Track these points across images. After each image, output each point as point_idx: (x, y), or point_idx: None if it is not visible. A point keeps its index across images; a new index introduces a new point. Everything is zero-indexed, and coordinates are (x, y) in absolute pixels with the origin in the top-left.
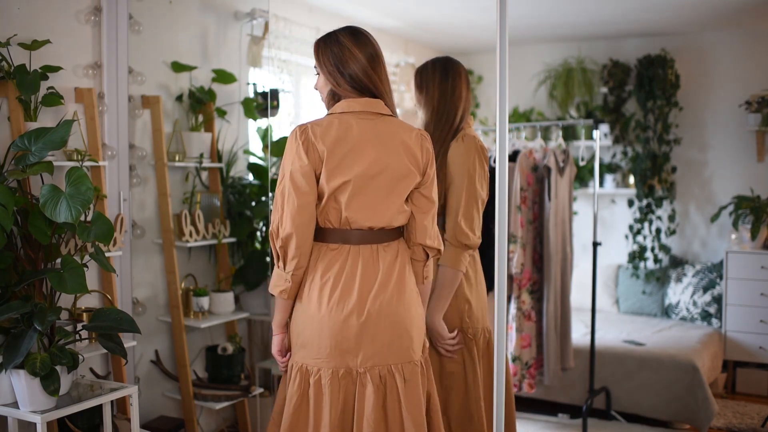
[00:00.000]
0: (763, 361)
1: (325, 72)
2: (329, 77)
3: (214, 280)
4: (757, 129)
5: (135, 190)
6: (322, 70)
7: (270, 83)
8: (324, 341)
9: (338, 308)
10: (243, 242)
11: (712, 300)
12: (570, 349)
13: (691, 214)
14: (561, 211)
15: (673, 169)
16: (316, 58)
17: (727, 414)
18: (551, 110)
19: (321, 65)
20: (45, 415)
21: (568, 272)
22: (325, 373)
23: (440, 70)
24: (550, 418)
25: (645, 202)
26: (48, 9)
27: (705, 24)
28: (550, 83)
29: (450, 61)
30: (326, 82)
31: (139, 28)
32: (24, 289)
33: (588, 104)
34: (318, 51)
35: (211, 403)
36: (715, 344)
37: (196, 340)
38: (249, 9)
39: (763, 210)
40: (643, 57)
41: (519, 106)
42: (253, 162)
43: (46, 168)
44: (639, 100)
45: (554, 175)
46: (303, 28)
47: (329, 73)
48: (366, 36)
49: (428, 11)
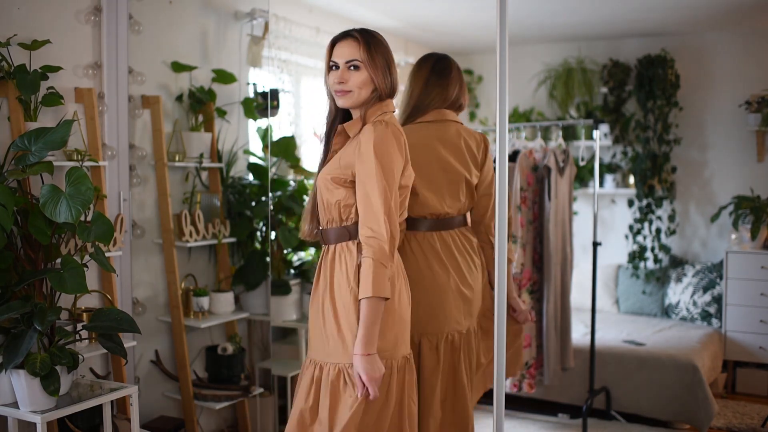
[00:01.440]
0: (763, 361)
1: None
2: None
3: (214, 280)
4: (757, 129)
5: (135, 190)
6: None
7: (270, 83)
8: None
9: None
10: (243, 242)
11: (712, 300)
12: (570, 349)
13: (691, 214)
14: (561, 211)
15: (673, 169)
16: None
17: (727, 414)
18: (551, 110)
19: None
20: (45, 415)
21: (568, 272)
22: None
23: (415, 66)
24: (550, 418)
25: (645, 202)
26: (48, 9)
27: (705, 24)
28: (550, 83)
29: (423, 57)
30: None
31: (139, 28)
32: (24, 289)
33: (588, 104)
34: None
35: (211, 403)
36: (715, 344)
37: (196, 340)
38: (249, 9)
39: (763, 210)
40: (643, 57)
41: (519, 106)
42: (253, 162)
43: (46, 168)
44: (639, 100)
45: (554, 175)
46: (303, 28)
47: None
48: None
49: (428, 11)
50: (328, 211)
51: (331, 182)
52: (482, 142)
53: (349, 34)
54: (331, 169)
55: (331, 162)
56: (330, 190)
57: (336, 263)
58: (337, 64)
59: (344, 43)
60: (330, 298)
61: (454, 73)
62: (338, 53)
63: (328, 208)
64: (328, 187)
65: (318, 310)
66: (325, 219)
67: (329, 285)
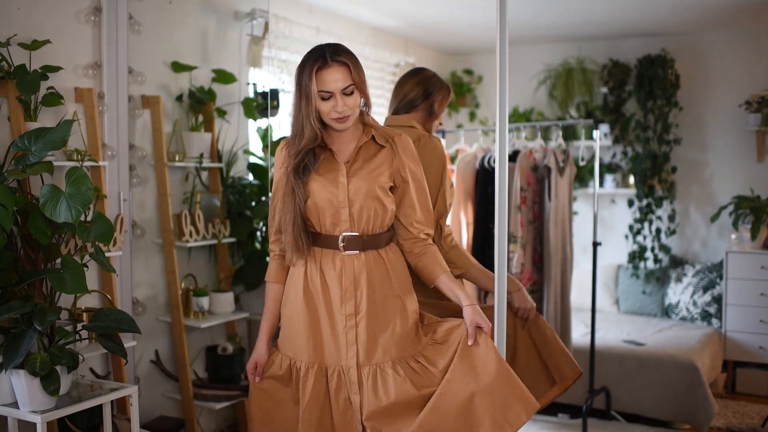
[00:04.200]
0: (763, 361)
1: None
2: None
3: (214, 280)
4: (757, 129)
5: (135, 190)
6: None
7: (270, 83)
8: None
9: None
10: (243, 242)
11: (712, 300)
12: (570, 349)
13: (691, 214)
14: (561, 211)
15: (673, 169)
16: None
17: (727, 414)
18: (551, 110)
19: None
20: (45, 415)
21: (568, 272)
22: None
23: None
24: (550, 418)
25: (645, 202)
26: (48, 9)
27: (705, 24)
28: (550, 83)
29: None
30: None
31: (139, 28)
32: (24, 289)
33: (588, 104)
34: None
35: (211, 403)
36: (715, 344)
37: (196, 340)
38: (249, 9)
39: (763, 210)
40: (643, 57)
41: (519, 106)
42: (253, 162)
43: (46, 168)
44: (639, 100)
45: (554, 175)
46: (303, 28)
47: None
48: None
49: (428, 11)
50: (375, 218)
51: (385, 191)
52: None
53: (334, 60)
54: (382, 181)
55: (369, 174)
56: (384, 198)
57: (390, 263)
58: (332, 93)
59: (333, 70)
60: (410, 296)
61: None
62: (329, 82)
63: (381, 215)
64: (382, 195)
65: (398, 310)
66: (373, 225)
67: (404, 283)
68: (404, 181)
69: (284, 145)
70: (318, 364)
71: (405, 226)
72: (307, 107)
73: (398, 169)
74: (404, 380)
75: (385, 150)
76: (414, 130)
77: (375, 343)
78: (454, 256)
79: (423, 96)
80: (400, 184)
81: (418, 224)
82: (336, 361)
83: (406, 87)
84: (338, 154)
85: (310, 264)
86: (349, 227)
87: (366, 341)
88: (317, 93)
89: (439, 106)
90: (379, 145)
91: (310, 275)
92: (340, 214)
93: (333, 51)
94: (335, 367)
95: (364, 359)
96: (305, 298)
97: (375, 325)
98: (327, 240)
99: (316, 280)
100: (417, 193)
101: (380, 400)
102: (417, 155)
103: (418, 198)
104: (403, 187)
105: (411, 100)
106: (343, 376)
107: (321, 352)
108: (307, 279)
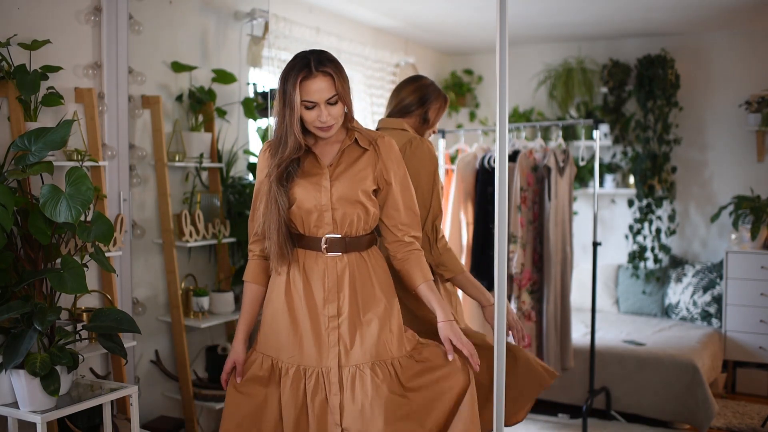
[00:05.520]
0: (763, 361)
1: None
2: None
3: (214, 280)
4: (757, 129)
5: (135, 190)
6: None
7: (270, 83)
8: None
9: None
10: (243, 242)
11: (712, 300)
12: (570, 349)
13: (691, 214)
14: (561, 211)
15: (673, 169)
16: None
17: (727, 414)
18: (551, 110)
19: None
20: (45, 415)
21: (568, 272)
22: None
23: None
24: (550, 418)
25: (645, 202)
26: (48, 9)
27: (705, 24)
28: (550, 83)
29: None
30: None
31: (139, 28)
32: (24, 289)
33: (588, 104)
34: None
35: (211, 403)
36: (715, 344)
37: (196, 340)
38: (249, 9)
39: (763, 210)
40: (643, 57)
41: (519, 106)
42: (253, 162)
43: (46, 168)
44: (639, 100)
45: (554, 175)
46: (303, 28)
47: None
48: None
49: (428, 11)
50: (359, 222)
51: (368, 195)
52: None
53: (318, 70)
54: (365, 185)
55: (352, 178)
56: (366, 202)
57: (372, 265)
58: (316, 103)
59: (317, 81)
60: (393, 298)
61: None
62: (313, 92)
63: (363, 219)
64: (364, 199)
65: (389, 309)
66: (356, 228)
67: (386, 286)
68: (387, 183)
69: (267, 147)
70: (297, 365)
71: (389, 228)
72: (290, 116)
73: (381, 172)
74: (381, 382)
75: (368, 153)
76: (405, 132)
77: (356, 345)
78: (446, 259)
79: (418, 103)
80: (383, 186)
81: (403, 226)
82: (316, 363)
83: (403, 92)
84: (321, 158)
85: (293, 265)
86: (332, 230)
87: (348, 343)
88: (301, 103)
89: (434, 115)
90: (362, 148)
91: (292, 276)
92: (323, 217)
93: (318, 61)
94: (314, 369)
95: (345, 360)
96: (287, 298)
97: (357, 327)
98: (310, 242)
99: (298, 281)
100: (401, 195)
101: (357, 402)
102: (401, 157)
103: (403, 200)
104: (387, 189)
105: (406, 106)
106: (321, 378)
107: (301, 353)
108: (290, 280)
